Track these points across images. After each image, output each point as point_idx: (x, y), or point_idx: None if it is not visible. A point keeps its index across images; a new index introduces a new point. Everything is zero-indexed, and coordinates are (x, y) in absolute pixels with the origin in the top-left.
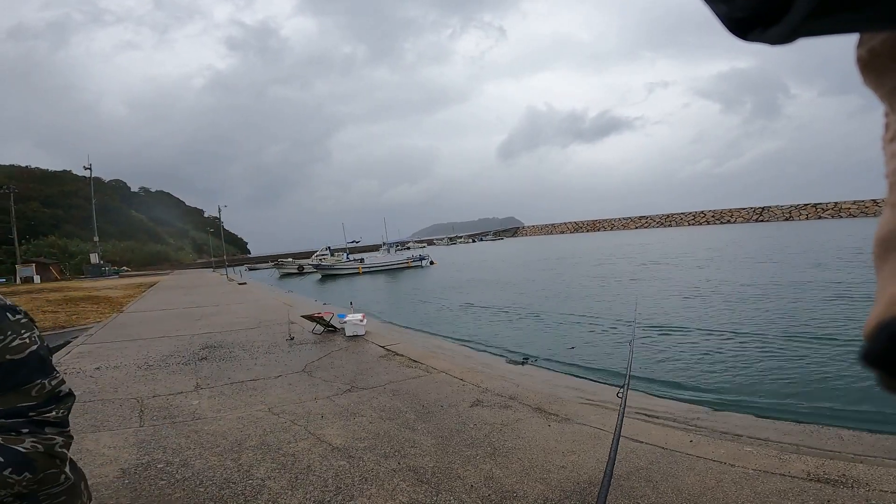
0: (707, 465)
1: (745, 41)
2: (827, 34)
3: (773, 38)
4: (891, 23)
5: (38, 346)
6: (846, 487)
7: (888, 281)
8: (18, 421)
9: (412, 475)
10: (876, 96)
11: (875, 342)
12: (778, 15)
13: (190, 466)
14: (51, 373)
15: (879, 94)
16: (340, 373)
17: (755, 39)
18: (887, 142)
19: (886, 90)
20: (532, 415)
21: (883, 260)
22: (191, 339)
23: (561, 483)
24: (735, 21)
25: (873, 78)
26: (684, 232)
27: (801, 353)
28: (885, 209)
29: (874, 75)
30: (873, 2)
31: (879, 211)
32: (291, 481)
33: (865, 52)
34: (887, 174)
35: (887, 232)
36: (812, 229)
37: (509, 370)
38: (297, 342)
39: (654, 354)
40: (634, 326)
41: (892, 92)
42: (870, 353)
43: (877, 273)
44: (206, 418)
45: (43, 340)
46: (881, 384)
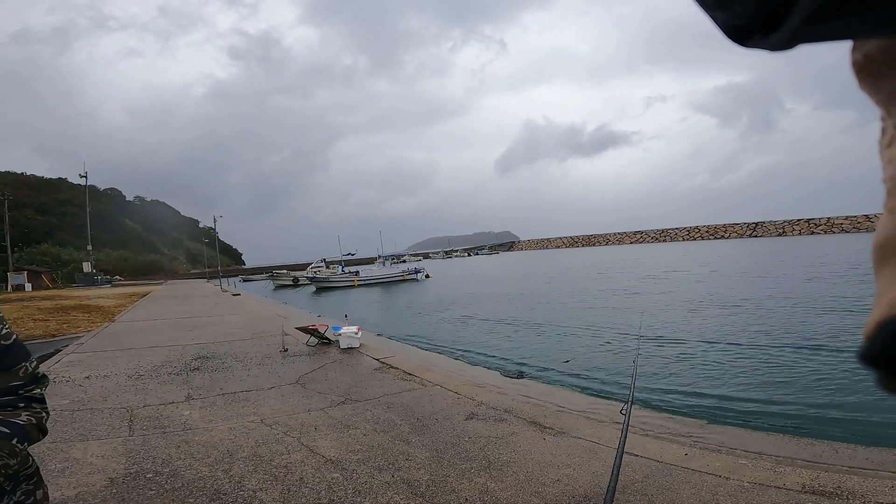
0: (702, 478)
1: (744, 48)
2: (826, 40)
3: (773, 45)
4: (890, 27)
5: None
6: (841, 499)
7: (887, 285)
8: (11, 398)
9: (406, 488)
10: (872, 101)
11: (875, 341)
12: (777, 21)
13: (180, 477)
14: (30, 356)
15: (875, 100)
16: (334, 385)
17: (755, 46)
18: (884, 147)
19: (883, 95)
20: (527, 428)
21: (881, 265)
22: (183, 350)
23: (556, 497)
24: (734, 28)
25: (869, 83)
26: (679, 247)
27: (796, 366)
28: (884, 214)
29: (870, 80)
30: (874, 5)
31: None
32: (284, 493)
33: (861, 57)
34: (884, 179)
35: (885, 237)
36: (804, 245)
37: (505, 383)
38: (291, 354)
39: (649, 368)
40: (640, 342)
41: (889, 97)
42: (869, 353)
43: (876, 277)
44: (197, 429)
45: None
46: (880, 384)
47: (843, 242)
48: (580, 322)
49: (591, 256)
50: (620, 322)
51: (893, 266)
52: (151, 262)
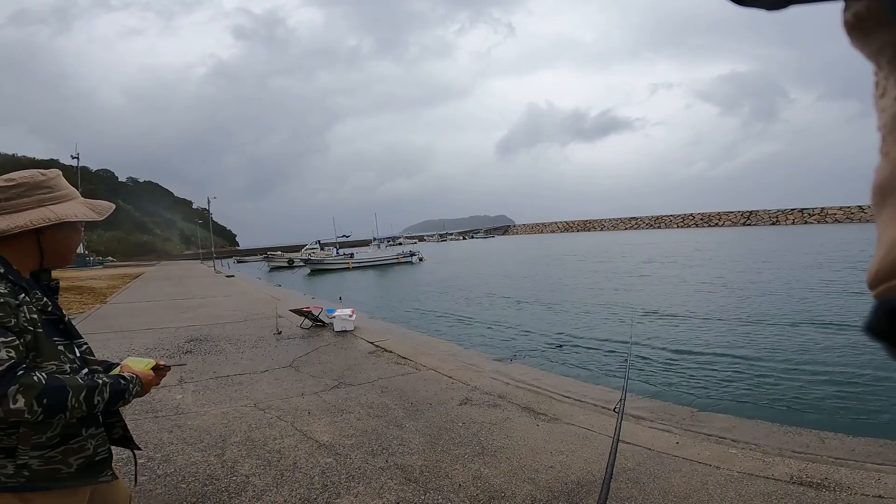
0: (693, 466)
1: (740, 6)
2: (817, 1)
3: (768, 4)
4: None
5: None
6: (828, 491)
7: (887, 226)
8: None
9: (400, 473)
10: (863, 56)
11: (876, 315)
12: None
13: (172, 462)
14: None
15: (866, 54)
16: (328, 368)
17: (751, 5)
18: (877, 98)
19: (872, 50)
20: (521, 414)
21: (880, 206)
22: (176, 332)
23: (549, 483)
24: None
25: (860, 40)
26: (672, 234)
27: (787, 354)
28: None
29: (861, 37)
30: None
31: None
32: (277, 478)
33: (851, 17)
34: (879, 127)
35: (882, 180)
36: (796, 234)
37: (498, 368)
38: (284, 336)
39: (642, 355)
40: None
41: (878, 52)
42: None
43: (876, 220)
44: (189, 413)
45: None
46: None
47: (836, 232)
48: (574, 307)
49: (587, 241)
50: (616, 309)
51: (891, 206)
52: (144, 242)
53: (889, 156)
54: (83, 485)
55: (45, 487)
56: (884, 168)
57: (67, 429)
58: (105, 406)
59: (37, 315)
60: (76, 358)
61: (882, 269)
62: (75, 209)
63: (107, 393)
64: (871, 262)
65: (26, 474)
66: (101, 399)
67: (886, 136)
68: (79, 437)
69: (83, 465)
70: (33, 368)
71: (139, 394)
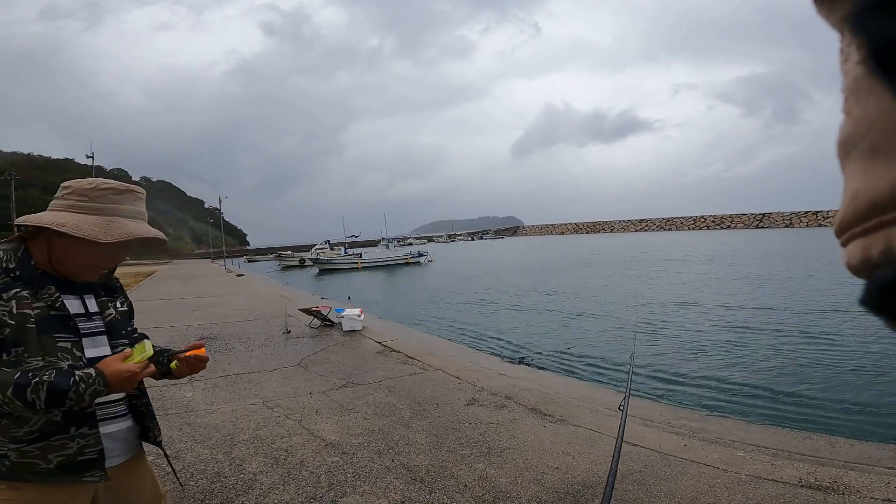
0: (700, 469)
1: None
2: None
3: None
4: None
5: None
6: (837, 494)
7: (850, 178)
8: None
9: (406, 473)
10: (828, 24)
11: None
12: None
13: (181, 459)
14: None
15: (830, 22)
16: (336, 368)
17: None
18: (841, 63)
19: (836, 18)
20: (527, 415)
21: (845, 160)
22: (186, 330)
23: (555, 484)
24: None
25: (825, 8)
26: (683, 236)
27: (795, 360)
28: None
29: (826, 6)
30: None
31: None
32: (284, 476)
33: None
34: (842, 90)
35: (845, 136)
36: (811, 237)
37: (506, 369)
38: (293, 336)
39: (649, 358)
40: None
41: (841, 21)
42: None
43: (842, 173)
44: (198, 411)
45: None
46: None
47: None
48: (583, 309)
49: (597, 243)
50: (623, 310)
51: (854, 160)
52: None
53: (851, 114)
54: (66, 482)
55: (25, 479)
56: (846, 125)
57: (49, 426)
58: (48, 405)
59: (31, 311)
60: (82, 356)
61: (845, 218)
62: (76, 220)
63: (43, 392)
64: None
65: (7, 464)
66: (37, 397)
67: (848, 97)
68: (62, 435)
69: (63, 462)
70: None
71: (99, 393)
